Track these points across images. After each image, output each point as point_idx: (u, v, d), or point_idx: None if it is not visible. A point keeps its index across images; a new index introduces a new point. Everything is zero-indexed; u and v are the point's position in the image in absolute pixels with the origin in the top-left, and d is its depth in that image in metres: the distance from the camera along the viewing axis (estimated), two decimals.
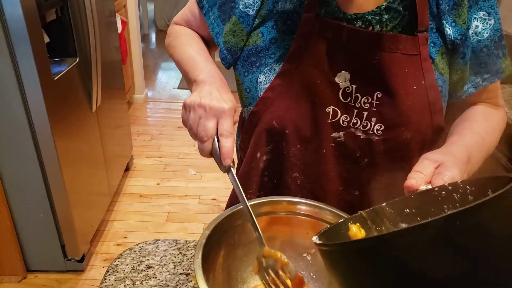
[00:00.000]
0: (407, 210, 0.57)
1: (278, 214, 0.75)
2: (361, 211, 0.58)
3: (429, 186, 0.58)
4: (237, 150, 0.99)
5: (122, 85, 2.66)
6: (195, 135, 0.67)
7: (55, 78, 1.61)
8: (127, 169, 2.79)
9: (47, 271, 1.93)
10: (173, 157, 3.06)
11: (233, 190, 0.96)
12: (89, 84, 1.90)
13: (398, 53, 0.73)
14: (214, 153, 0.66)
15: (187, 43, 0.86)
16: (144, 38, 6.03)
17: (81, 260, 1.93)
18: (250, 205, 0.71)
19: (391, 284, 0.41)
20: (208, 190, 2.71)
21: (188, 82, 0.80)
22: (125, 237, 2.23)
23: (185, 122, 0.69)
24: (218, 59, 0.86)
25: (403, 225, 0.56)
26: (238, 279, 0.73)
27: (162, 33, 6.44)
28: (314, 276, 0.75)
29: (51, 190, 1.72)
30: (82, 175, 1.94)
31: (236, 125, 0.92)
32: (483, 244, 0.37)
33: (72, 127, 1.80)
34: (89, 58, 1.85)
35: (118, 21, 2.64)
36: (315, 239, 0.49)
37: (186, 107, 0.68)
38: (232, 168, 0.66)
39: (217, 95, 0.67)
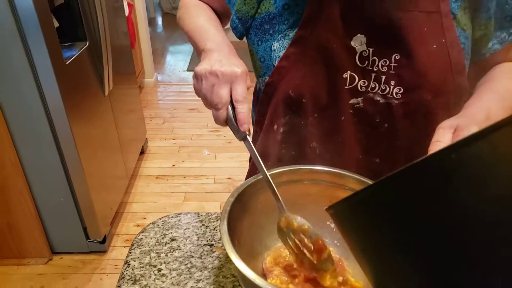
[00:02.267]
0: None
1: (300, 182, 0.75)
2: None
3: None
4: (253, 123, 0.99)
5: (133, 69, 2.66)
6: (209, 103, 0.66)
7: (67, 63, 1.61)
8: (142, 152, 2.82)
9: (71, 253, 1.99)
10: (186, 139, 3.08)
11: (252, 162, 0.96)
12: (100, 68, 1.91)
13: (416, 11, 0.71)
14: (229, 121, 0.65)
15: (197, 14, 0.85)
16: (151, 22, 6.01)
17: (103, 241, 1.97)
18: (271, 174, 0.72)
19: (396, 233, 0.40)
20: (223, 169, 2.73)
21: (197, 52, 0.79)
22: (144, 218, 2.27)
23: (198, 92, 0.68)
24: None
25: None
26: (262, 246, 0.74)
27: (168, 16, 6.40)
28: (338, 244, 0.75)
29: (70, 175, 1.75)
30: (99, 159, 1.97)
31: (251, 92, 0.91)
32: (483, 176, 0.34)
33: (86, 111, 1.82)
34: (98, 42, 1.85)
35: (125, 4, 2.62)
36: (326, 207, 0.49)
37: (197, 76, 0.67)
38: (248, 136, 0.65)
39: (227, 61, 0.66)
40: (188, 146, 2.99)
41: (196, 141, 3.06)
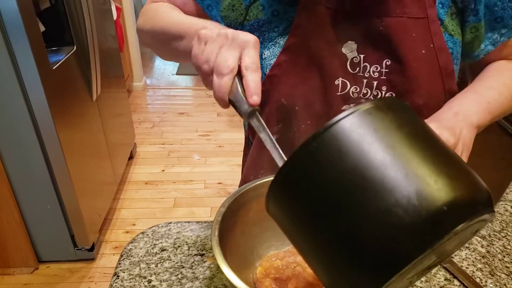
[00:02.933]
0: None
1: None
2: None
3: None
4: (245, 131, 0.97)
5: (121, 73, 2.63)
6: (210, 69, 0.55)
7: (54, 68, 1.58)
8: (131, 157, 2.78)
9: (58, 261, 1.94)
10: (176, 143, 3.05)
11: (246, 169, 0.94)
12: (88, 72, 1.88)
13: (405, 17, 0.71)
14: (233, 94, 0.54)
15: (174, 13, 0.76)
16: None
17: (91, 249, 1.94)
18: (264, 181, 0.71)
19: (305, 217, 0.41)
20: (213, 174, 2.70)
21: (185, 44, 0.67)
22: (134, 224, 2.24)
23: (197, 56, 0.57)
24: None
25: None
26: (254, 255, 0.72)
27: None
28: None
29: (56, 181, 1.71)
30: (87, 165, 1.94)
31: None
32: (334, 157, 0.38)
33: (73, 116, 1.79)
34: (86, 46, 1.82)
35: (113, 8, 2.60)
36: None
37: (201, 38, 0.57)
38: (257, 113, 0.54)
39: (237, 31, 0.57)
40: (177, 151, 2.96)
41: (186, 145, 3.04)
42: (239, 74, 0.55)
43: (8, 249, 1.82)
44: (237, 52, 0.55)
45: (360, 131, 0.39)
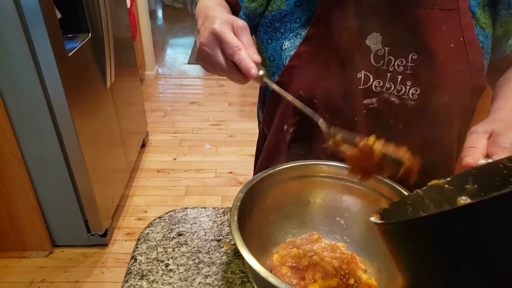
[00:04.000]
0: (468, 186, 0.51)
1: (310, 178, 0.74)
2: (418, 190, 0.54)
3: (489, 160, 0.52)
4: (259, 123, 0.97)
5: (134, 62, 2.64)
6: (226, 66, 0.61)
7: (69, 54, 1.60)
8: (143, 146, 2.80)
9: (72, 246, 1.98)
10: (187, 132, 3.07)
11: (261, 161, 0.93)
12: (102, 60, 1.89)
13: (436, 8, 0.68)
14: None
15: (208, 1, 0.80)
16: (151, 14, 5.96)
17: (104, 234, 1.97)
18: (281, 168, 0.71)
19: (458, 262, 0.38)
20: (224, 163, 2.72)
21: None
22: (145, 212, 2.26)
23: (210, 71, 0.66)
24: None
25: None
26: (271, 242, 0.73)
27: (168, 9, 6.37)
28: (348, 240, 0.75)
29: (71, 167, 1.73)
30: (101, 152, 1.96)
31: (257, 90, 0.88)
32: None
33: (88, 104, 1.80)
34: (101, 33, 1.83)
35: None
36: (373, 219, 0.46)
37: (199, 53, 0.65)
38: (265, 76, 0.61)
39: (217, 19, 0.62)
40: (189, 140, 2.98)
41: (197, 134, 3.05)
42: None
43: (24, 233, 1.85)
44: (231, 34, 0.59)
45: None
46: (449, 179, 0.50)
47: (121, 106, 2.23)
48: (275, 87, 0.62)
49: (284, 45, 0.76)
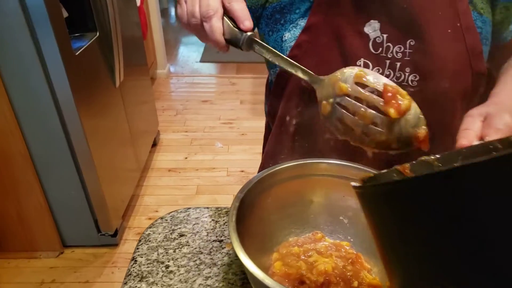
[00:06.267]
0: (457, 164, 0.50)
1: (312, 176, 0.72)
2: (406, 164, 0.52)
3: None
4: (265, 115, 0.96)
5: (145, 60, 2.64)
6: (199, 21, 0.57)
7: (77, 54, 1.59)
8: (154, 145, 2.80)
9: (82, 246, 1.97)
10: (199, 131, 3.05)
11: (265, 154, 0.92)
12: (111, 58, 1.88)
13: None
14: (227, 32, 0.57)
15: None
16: (164, 12, 5.98)
17: (114, 234, 1.96)
18: (282, 168, 0.69)
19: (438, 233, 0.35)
20: (236, 162, 2.69)
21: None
22: (156, 211, 2.25)
23: (183, 15, 0.60)
24: None
25: None
26: (273, 242, 0.70)
27: None
28: (352, 240, 0.72)
29: (80, 167, 1.73)
30: (110, 152, 1.95)
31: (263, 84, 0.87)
32: None
33: (96, 103, 1.80)
34: (109, 32, 1.82)
35: None
36: (353, 183, 0.44)
37: (180, 2, 0.61)
38: (255, 37, 0.57)
39: None
40: (200, 139, 2.96)
41: (208, 133, 3.04)
42: (226, 14, 0.57)
43: (34, 233, 1.86)
44: None
45: None
46: (438, 156, 0.49)
47: (131, 105, 2.22)
48: (267, 48, 0.58)
49: (285, 36, 0.76)
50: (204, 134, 3.03)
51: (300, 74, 0.59)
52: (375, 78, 0.54)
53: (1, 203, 1.74)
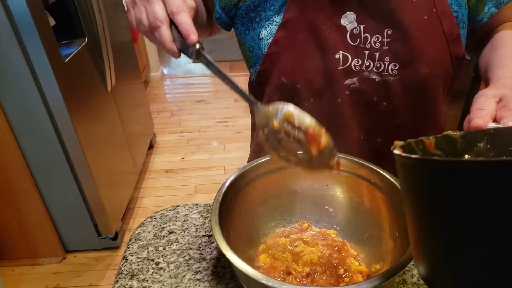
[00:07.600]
0: (481, 144, 0.48)
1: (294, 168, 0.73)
2: (431, 136, 0.49)
3: (499, 125, 0.50)
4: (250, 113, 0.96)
5: (136, 64, 2.65)
6: (148, 28, 0.59)
7: (66, 60, 1.60)
8: (150, 147, 2.81)
9: (84, 250, 2.00)
10: (194, 131, 3.07)
11: (252, 153, 0.93)
12: (101, 63, 1.89)
13: None
14: (178, 42, 0.58)
15: None
16: None
17: (115, 237, 1.98)
18: (262, 161, 0.70)
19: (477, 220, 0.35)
20: (232, 160, 2.71)
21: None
22: (155, 213, 2.26)
23: (131, 20, 0.62)
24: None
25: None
26: (260, 234, 0.72)
27: None
28: (337, 228, 0.74)
29: (77, 173, 1.74)
30: (106, 156, 1.97)
31: (246, 82, 0.87)
32: None
33: (89, 109, 1.81)
34: (97, 37, 1.83)
35: None
36: (396, 151, 0.42)
37: (129, 8, 0.61)
38: (202, 50, 0.57)
39: None
40: (196, 138, 2.98)
41: (204, 132, 3.05)
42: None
43: (36, 241, 1.87)
44: (159, 4, 0.57)
45: None
46: (463, 133, 0.48)
47: (125, 109, 2.23)
48: (212, 64, 0.58)
49: (261, 34, 0.76)
50: (200, 134, 3.04)
51: (239, 95, 0.59)
52: (299, 119, 0.57)
53: (2, 212, 1.76)
